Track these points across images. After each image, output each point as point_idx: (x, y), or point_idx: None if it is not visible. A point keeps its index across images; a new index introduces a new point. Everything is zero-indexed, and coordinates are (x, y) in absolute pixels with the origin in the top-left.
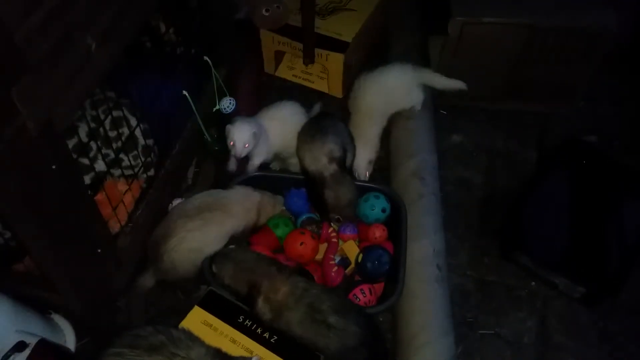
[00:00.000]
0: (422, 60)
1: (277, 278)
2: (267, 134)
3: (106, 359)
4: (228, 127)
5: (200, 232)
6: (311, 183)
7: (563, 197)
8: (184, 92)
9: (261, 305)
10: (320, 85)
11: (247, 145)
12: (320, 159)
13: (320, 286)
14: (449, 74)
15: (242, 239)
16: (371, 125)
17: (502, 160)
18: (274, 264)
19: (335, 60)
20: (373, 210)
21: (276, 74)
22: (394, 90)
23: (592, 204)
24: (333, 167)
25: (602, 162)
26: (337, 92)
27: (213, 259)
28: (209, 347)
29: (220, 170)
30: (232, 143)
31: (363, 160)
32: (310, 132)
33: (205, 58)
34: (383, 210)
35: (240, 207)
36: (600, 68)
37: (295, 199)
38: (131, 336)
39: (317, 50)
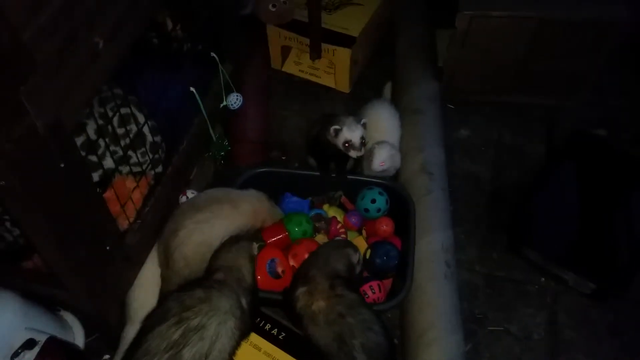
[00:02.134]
0: (429, 54)
1: (323, 291)
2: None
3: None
4: (374, 148)
5: (208, 225)
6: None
7: (572, 191)
8: (191, 89)
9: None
10: (327, 80)
11: (382, 163)
12: None
13: (360, 315)
14: (456, 68)
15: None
16: None
17: (510, 154)
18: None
19: (342, 55)
20: (373, 204)
21: (283, 69)
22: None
23: (601, 197)
24: None
25: (611, 155)
26: (344, 87)
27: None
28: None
29: (218, 168)
30: (373, 161)
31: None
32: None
33: (212, 54)
34: (378, 210)
35: (249, 205)
36: (609, 60)
37: (291, 205)
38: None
39: (324, 45)
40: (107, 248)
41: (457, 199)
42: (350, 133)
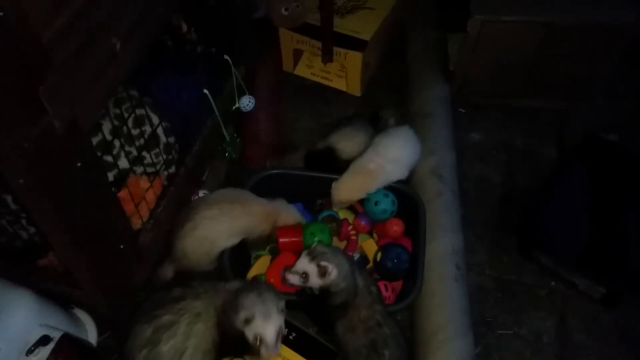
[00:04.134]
0: (440, 57)
1: (364, 299)
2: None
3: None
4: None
5: (214, 222)
6: None
7: (583, 196)
8: (205, 91)
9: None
10: (339, 84)
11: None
12: None
13: (394, 328)
14: (468, 72)
15: (256, 246)
16: None
17: (521, 158)
18: (366, 280)
19: (354, 59)
20: (377, 206)
21: (295, 72)
22: None
23: (612, 202)
24: None
25: (622, 160)
26: (356, 91)
27: (312, 256)
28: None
29: (230, 169)
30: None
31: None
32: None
33: (226, 57)
34: (383, 212)
35: (260, 208)
36: (621, 64)
37: None
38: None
39: (336, 49)
40: (121, 247)
41: (468, 202)
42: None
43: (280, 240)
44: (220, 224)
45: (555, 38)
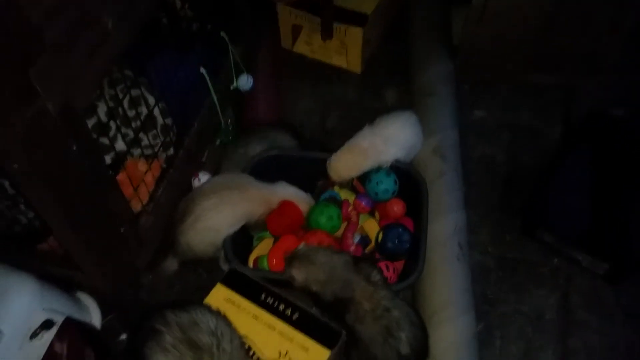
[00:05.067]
0: (444, 32)
1: (364, 291)
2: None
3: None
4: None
5: (215, 211)
6: None
7: (587, 172)
8: (201, 70)
9: (347, 317)
10: (339, 61)
11: None
12: None
13: (404, 307)
14: (472, 47)
15: (258, 228)
16: None
17: (525, 136)
18: (363, 271)
19: (354, 35)
20: (379, 185)
21: (293, 49)
22: None
23: (617, 178)
24: None
25: (627, 136)
26: (356, 68)
27: (289, 261)
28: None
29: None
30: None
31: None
32: None
33: (222, 34)
34: (385, 192)
35: (259, 192)
36: (629, 39)
37: None
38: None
39: (336, 25)
40: (121, 230)
41: (471, 181)
42: None
43: (269, 225)
44: (221, 213)
45: (562, 11)
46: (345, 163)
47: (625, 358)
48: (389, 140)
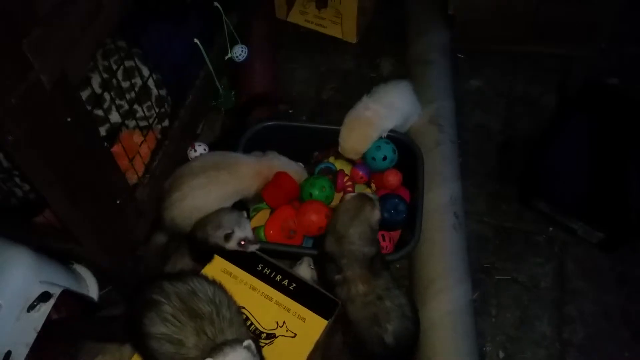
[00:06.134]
0: (440, 1)
1: (363, 275)
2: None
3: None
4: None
5: (202, 191)
6: None
7: (583, 142)
8: (195, 41)
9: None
10: (334, 31)
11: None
12: None
13: (397, 298)
14: (468, 15)
15: (254, 201)
16: None
17: (522, 105)
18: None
19: (349, 4)
20: (378, 151)
21: (288, 19)
22: None
23: (613, 147)
24: None
25: (623, 105)
26: (351, 37)
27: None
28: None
29: (226, 121)
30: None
31: None
32: None
33: (216, 4)
34: (384, 158)
35: (249, 169)
36: (625, 7)
37: None
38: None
39: None
40: (117, 202)
41: (467, 151)
42: (242, 232)
43: (266, 198)
44: (209, 193)
45: None
46: (357, 139)
47: (619, 325)
48: (389, 105)
